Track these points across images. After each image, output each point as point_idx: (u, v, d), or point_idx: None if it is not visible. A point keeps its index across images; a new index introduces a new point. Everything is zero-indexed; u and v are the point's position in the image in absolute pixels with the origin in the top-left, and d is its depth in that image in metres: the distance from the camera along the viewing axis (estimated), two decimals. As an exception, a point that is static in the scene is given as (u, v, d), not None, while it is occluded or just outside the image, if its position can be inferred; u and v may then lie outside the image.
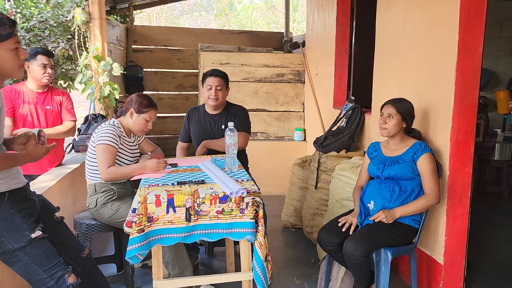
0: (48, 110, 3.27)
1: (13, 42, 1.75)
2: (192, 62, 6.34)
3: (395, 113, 2.50)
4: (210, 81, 3.10)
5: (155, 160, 2.55)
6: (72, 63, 4.69)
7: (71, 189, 3.29)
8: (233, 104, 3.30)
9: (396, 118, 2.50)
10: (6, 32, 1.71)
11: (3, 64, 1.75)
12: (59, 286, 1.87)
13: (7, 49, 1.74)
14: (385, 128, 2.53)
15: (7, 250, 1.81)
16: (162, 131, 6.32)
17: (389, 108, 2.54)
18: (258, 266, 2.18)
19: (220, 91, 3.11)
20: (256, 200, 2.17)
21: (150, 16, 17.71)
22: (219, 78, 3.11)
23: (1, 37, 1.70)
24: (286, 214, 4.11)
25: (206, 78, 3.13)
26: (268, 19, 18.21)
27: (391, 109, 2.52)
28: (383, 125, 2.53)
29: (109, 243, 3.52)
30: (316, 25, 5.02)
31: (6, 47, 1.73)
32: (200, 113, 3.25)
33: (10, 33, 1.72)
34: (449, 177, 2.54)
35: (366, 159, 2.71)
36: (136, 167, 2.58)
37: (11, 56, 1.75)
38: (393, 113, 2.50)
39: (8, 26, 1.72)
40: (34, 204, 1.98)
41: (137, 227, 2.06)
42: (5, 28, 1.71)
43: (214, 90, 3.08)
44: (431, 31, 2.70)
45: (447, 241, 2.59)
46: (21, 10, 4.64)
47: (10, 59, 1.75)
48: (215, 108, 3.18)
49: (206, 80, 3.13)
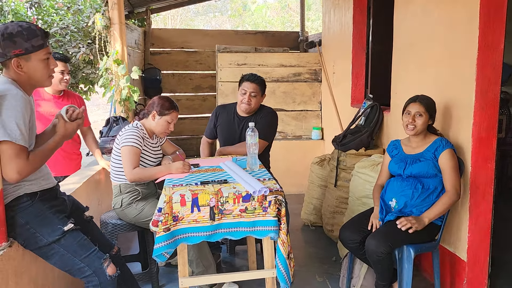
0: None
1: (45, 52, 1.84)
2: (209, 64, 6.41)
3: (424, 111, 2.47)
4: (246, 86, 3.08)
5: (181, 162, 2.60)
6: (92, 67, 4.80)
7: (96, 190, 3.37)
8: (264, 106, 3.27)
9: (425, 116, 2.47)
10: (38, 43, 1.80)
11: (34, 74, 1.84)
12: (98, 275, 1.94)
13: (39, 59, 1.83)
14: (414, 127, 2.48)
15: (43, 245, 1.89)
16: (181, 132, 6.40)
17: (417, 106, 2.49)
18: (281, 264, 2.21)
19: (254, 98, 3.09)
20: (278, 198, 2.20)
21: (166, 18, 17.90)
22: (255, 84, 3.08)
23: (33, 48, 1.79)
24: (306, 213, 4.13)
25: (243, 82, 3.12)
26: (282, 18, 18.20)
27: (419, 107, 2.48)
28: (412, 123, 2.48)
29: (134, 242, 3.60)
30: (332, 23, 5.02)
31: (37, 58, 1.82)
32: (229, 113, 3.24)
33: (42, 44, 1.82)
34: (472, 174, 2.53)
35: (387, 157, 2.71)
36: (161, 169, 2.63)
37: (42, 66, 1.85)
38: (422, 111, 2.47)
39: (41, 38, 1.81)
40: (64, 203, 2.06)
41: (163, 226, 2.12)
42: (38, 39, 1.80)
43: (248, 96, 3.08)
44: (450, 27, 2.69)
45: (470, 237, 2.57)
46: (43, 17, 4.77)
47: (41, 69, 1.85)
48: (246, 112, 3.18)
49: (242, 84, 3.11)
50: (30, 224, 1.86)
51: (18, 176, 1.75)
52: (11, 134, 1.71)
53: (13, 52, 1.76)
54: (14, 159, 1.73)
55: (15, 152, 1.73)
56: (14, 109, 1.72)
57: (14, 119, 1.72)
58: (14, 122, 1.71)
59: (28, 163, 1.78)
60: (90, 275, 1.94)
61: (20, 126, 1.73)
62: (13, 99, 1.73)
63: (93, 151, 3.55)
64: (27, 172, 1.79)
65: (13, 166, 1.73)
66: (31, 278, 1.99)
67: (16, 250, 1.86)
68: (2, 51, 1.77)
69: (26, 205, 1.87)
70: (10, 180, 1.76)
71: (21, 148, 1.75)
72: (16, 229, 1.86)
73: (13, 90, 1.76)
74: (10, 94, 1.73)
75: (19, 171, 1.75)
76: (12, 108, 1.72)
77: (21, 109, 1.74)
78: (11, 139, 1.71)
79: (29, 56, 1.80)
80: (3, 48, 1.76)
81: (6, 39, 1.75)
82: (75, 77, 4.83)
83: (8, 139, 1.71)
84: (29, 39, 1.78)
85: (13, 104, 1.72)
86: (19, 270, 1.88)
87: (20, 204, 1.86)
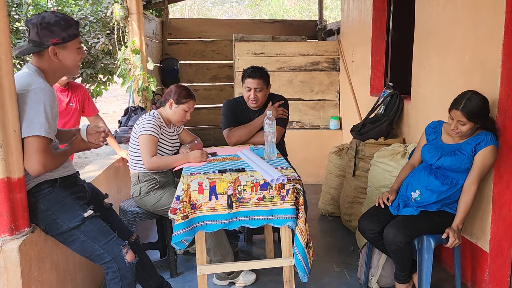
0: (71, 107, 3.38)
1: (78, 41, 1.91)
2: (226, 53, 6.39)
3: (466, 121, 2.28)
4: (249, 84, 3.02)
5: (199, 151, 2.60)
6: (111, 57, 4.84)
7: (115, 179, 3.42)
8: (274, 94, 3.21)
9: (469, 124, 2.30)
10: (74, 32, 1.88)
11: (67, 62, 1.90)
12: (117, 262, 1.97)
13: (73, 48, 1.89)
14: (459, 132, 2.33)
15: (64, 231, 1.93)
16: (198, 122, 6.42)
17: (458, 115, 2.29)
18: (299, 252, 2.21)
19: (260, 92, 3.03)
20: (296, 187, 2.18)
21: (183, 9, 17.91)
22: (257, 79, 3.00)
23: (69, 37, 1.86)
24: (323, 202, 4.11)
25: (245, 80, 3.05)
26: (300, 7, 17.99)
27: (461, 116, 2.28)
28: (455, 130, 2.33)
29: (152, 230, 3.64)
30: (351, 11, 4.93)
31: (72, 47, 1.89)
32: (240, 106, 3.17)
33: (76, 33, 1.89)
34: (496, 163, 2.46)
35: (423, 139, 2.60)
36: (179, 158, 2.64)
37: (75, 54, 1.91)
38: (464, 121, 2.29)
39: (75, 27, 1.88)
40: (84, 189, 2.09)
41: (182, 214, 2.13)
42: (73, 29, 1.87)
43: (253, 93, 3.02)
44: (474, 12, 2.61)
45: (493, 228, 2.51)
46: (62, 8, 4.82)
47: (74, 57, 1.91)
48: (256, 107, 3.12)
49: (245, 82, 3.05)
50: (51, 210, 1.90)
51: (41, 168, 1.79)
52: (41, 128, 1.75)
53: (51, 41, 1.82)
54: (40, 152, 1.77)
55: (42, 146, 1.77)
56: (42, 103, 1.76)
57: (43, 112, 1.76)
58: (43, 115, 1.75)
59: (53, 158, 1.83)
60: (110, 261, 1.97)
61: (48, 119, 1.77)
62: (41, 93, 1.77)
63: (108, 141, 3.53)
64: (51, 166, 1.83)
65: (39, 159, 1.77)
66: (53, 263, 2.03)
67: (39, 236, 1.90)
68: (40, 40, 1.82)
69: (47, 192, 1.90)
70: (33, 172, 1.79)
71: (48, 141, 1.80)
72: (38, 215, 1.90)
73: (41, 83, 1.79)
74: (39, 87, 1.77)
75: (44, 164, 1.78)
76: (40, 102, 1.76)
77: (49, 102, 1.78)
78: (41, 133, 1.75)
79: (65, 45, 1.86)
80: (41, 37, 1.81)
81: (44, 28, 1.81)
82: (94, 67, 4.88)
83: (37, 134, 1.75)
84: (66, 28, 1.84)
85: (41, 98, 1.76)
86: (41, 255, 1.92)
87: (41, 191, 1.89)
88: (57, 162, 1.88)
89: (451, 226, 2.32)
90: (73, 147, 2.01)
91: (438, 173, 2.41)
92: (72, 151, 2.02)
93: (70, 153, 2.00)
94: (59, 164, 1.91)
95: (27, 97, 1.75)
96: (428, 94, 3.19)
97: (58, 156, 1.89)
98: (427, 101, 3.21)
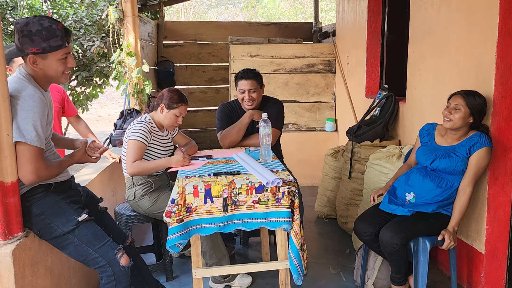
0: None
1: (62, 53, 1.84)
2: (221, 56, 6.38)
3: (463, 105, 2.29)
4: (243, 85, 3.01)
5: (180, 155, 2.57)
6: (106, 60, 4.82)
7: (110, 182, 3.40)
8: (268, 97, 3.21)
9: (464, 111, 2.30)
10: (56, 44, 1.80)
11: (48, 71, 1.85)
12: (112, 266, 1.96)
13: (55, 59, 1.83)
14: (449, 120, 2.33)
15: (58, 235, 1.91)
16: (193, 125, 6.40)
17: (458, 99, 2.32)
18: (293, 255, 2.20)
19: (254, 93, 3.02)
20: (291, 189, 2.18)
21: (179, 11, 17.92)
22: (250, 80, 3.00)
23: (51, 48, 1.80)
24: (320, 205, 4.11)
25: (238, 82, 3.04)
26: (295, 9, 18.03)
27: (460, 100, 2.31)
28: (448, 116, 2.33)
29: (148, 234, 3.63)
30: (346, 13, 4.94)
31: (54, 57, 1.83)
32: (235, 109, 3.16)
33: (60, 45, 1.81)
34: (491, 164, 2.46)
35: (417, 142, 2.62)
36: (161, 162, 2.62)
37: (58, 65, 1.84)
38: (462, 105, 2.30)
39: (60, 38, 1.81)
40: (78, 193, 2.08)
41: (177, 217, 2.12)
42: (57, 40, 1.80)
43: (247, 94, 3.01)
44: (469, 14, 2.62)
45: (488, 230, 2.52)
46: (57, 11, 4.81)
47: (55, 67, 1.84)
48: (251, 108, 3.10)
49: (239, 84, 3.04)
50: (45, 214, 1.89)
51: (35, 177, 1.77)
52: (27, 136, 1.73)
53: (30, 49, 1.78)
54: (32, 161, 1.75)
55: (32, 155, 1.75)
56: (31, 111, 1.73)
57: (30, 120, 1.73)
58: (30, 123, 1.73)
59: (47, 167, 1.82)
60: (104, 265, 1.95)
61: (37, 128, 1.75)
62: (30, 100, 1.74)
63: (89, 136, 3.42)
64: (44, 175, 1.82)
65: (30, 168, 1.75)
66: (47, 268, 2.02)
67: (32, 240, 1.89)
68: (20, 47, 1.78)
69: (41, 196, 1.89)
70: (27, 181, 1.78)
71: (38, 150, 1.77)
72: (31, 219, 1.88)
73: (30, 89, 1.77)
74: (28, 94, 1.74)
75: (37, 173, 1.77)
76: (28, 110, 1.73)
77: (38, 110, 1.75)
78: (26, 141, 1.73)
79: (46, 55, 1.80)
80: (21, 44, 1.78)
81: (25, 36, 1.76)
82: (89, 70, 4.87)
83: (23, 141, 1.72)
84: (48, 39, 1.78)
85: (30, 105, 1.74)
86: (35, 259, 1.91)
87: (35, 195, 1.88)
88: (52, 172, 1.86)
89: (447, 228, 2.33)
90: (73, 159, 2.01)
91: (433, 175, 2.41)
92: (71, 162, 2.00)
93: (68, 165, 1.98)
94: (55, 174, 1.90)
95: (16, 104, 1.73)
96: (423, 96, 3.20)
97: (54, 167, 1.88)
98: (422, 102, 3.22)
